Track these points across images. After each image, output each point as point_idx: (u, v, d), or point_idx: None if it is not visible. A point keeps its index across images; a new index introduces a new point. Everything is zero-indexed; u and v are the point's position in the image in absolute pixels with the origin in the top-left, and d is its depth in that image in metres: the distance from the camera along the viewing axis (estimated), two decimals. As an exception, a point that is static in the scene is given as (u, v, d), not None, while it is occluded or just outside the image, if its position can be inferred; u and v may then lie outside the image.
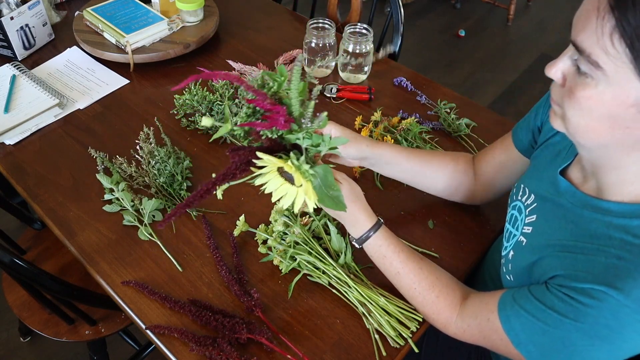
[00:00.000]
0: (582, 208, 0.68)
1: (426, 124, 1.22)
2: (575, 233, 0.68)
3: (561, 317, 0.64)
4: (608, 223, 0.64)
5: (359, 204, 0.81)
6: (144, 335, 0.87)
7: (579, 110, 0.59)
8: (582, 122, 0.60)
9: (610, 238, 0.63)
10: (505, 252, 0.82)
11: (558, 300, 0.64)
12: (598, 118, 0.58)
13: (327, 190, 0.73)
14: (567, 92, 0.60)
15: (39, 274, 0.94)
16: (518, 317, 0.69)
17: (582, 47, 0.56)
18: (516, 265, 0.77)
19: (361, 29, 1.30)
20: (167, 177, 1.05)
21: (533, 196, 0.78)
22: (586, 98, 0.58)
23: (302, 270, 0.91)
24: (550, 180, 0.75)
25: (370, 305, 0.86)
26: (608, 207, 0.65)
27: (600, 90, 0.57)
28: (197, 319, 0.85)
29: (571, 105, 0.60)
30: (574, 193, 0.70)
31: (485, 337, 0.74)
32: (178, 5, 1.40)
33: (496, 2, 3.30)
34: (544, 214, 0.75)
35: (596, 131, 0.60)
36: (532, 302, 0.68)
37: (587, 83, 0.57)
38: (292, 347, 0.83)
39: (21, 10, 1.33)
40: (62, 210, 1.03)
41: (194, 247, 0.97)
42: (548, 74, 0.62)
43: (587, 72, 0.57)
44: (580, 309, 0.62)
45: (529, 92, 2.79)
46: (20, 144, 1.17)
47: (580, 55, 0.57)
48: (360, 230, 0.82)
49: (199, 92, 1.17)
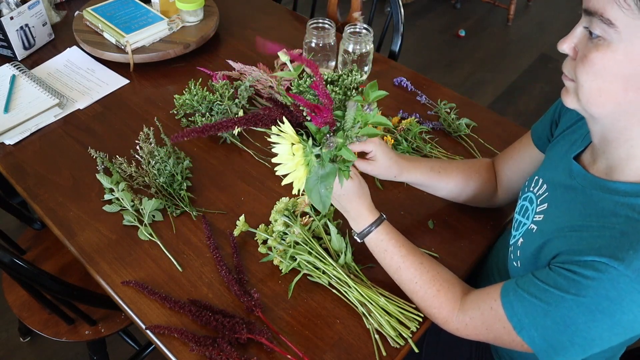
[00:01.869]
0: (592, 189, 0.70)
1: (426, 124, 1.22)
2: (583, 213, 0.69)
3: (563, 293, 0.64)
4: (615, 202, 0.66)
5: (364, 199, 0.85)
6: (144, 335, 0.87)
7: (592, 73, 0.60)
8: (595, 85, 0.61)
9: (616, 215, 0.64)
10: (513, 240, 0.83)
11: (560, 277, 0.65)
12: (611, 79, 0.60)
13: (320, 187, 0.74)
14: (580, 59, 0.62)
15: (39, 274, 0.94)
16: (521, 301, 0.69)
17: (595, 8, 0.57)
18: (525, 250, 0.77)
19: (361, 29, 1.30)
20: (167, 177, 1.05)
21: (545, 185, 0.79)
22: (599, 58, 0.59)
23: (302, 270, 0.91)
24: (564, 166, 0.76)
25: (370, 305, 0.86)
26: (616, 187, 0.67)
27: (613, 49, 0.58)
28: (197, 319, 0.85)
29: (584, 70, 0.61)
30: (584, 175, 0.72)
31: (489, 327, 0.74)
32: (178, 5, 1.40)
33: (496, 2, 3.30)
34: (555, 201, 0.76)
35: (609, 93, 0.61)
36: (535, 284, 0.68)
37: (600, 44, 0.59)
38: (292, 347, 0.83)
39: (21, 10, 1.33)
40: (62, 210, 1.03)
41: (194, 247, 0.97)
42: (560, 48, 0.64)
43: (600, 35, 0.58)
44: (582, 282, 0.63)
45: (529, 92, 2.79)
46: (20, 144, 1.17)
47: (593, 17, 0.58)
48: (363, 224, 0.85)
49: (199, 92, 1.17)
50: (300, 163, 0.72)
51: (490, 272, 1.00)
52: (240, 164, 1.13)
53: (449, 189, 0.97)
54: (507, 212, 1.05)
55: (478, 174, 0.98)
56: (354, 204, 0.84)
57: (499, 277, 0.96)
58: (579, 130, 0.79)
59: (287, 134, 0.72)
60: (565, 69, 0.66)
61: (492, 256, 1.01)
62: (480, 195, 0.99)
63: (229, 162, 1.14)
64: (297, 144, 0.72)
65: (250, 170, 1.12)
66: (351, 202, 0.84)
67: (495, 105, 2.71)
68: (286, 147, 0.72)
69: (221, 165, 1.13)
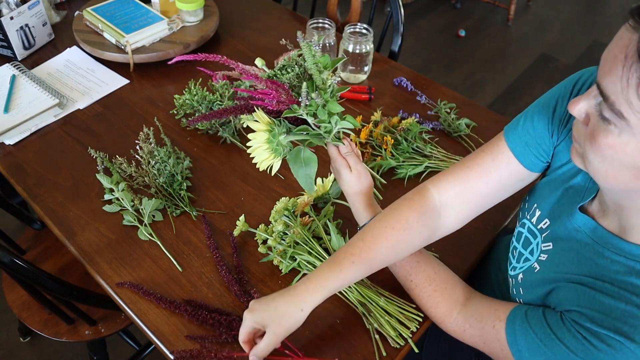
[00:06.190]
0: (604, 247, 0.66)
1: (426, 124, 1.22)
2: (595, 271, 0.65)
3: (569, 352, 0.63)
4: (631, 268, 0.62)
5: (361, 195, 0.86)
6: (144, 335, 0.87)
7: (601, 156, 0.56)
8: (602, 167, 0.57)
9: (633, 285, 0.61)
10: (514, 272, 0.81)
11: (570, 335, 0.63)
12: (620, 167, 0.56)
13: (299, 166, 0.80)
14: (589, 135, 0.57)
15: (39, 274, 0.94)
16: (525, 336, 0.68)
17: (607, 93, 0.52)
18: (528, 290, 0.75)
19: (361, 29, 1.30)
20: (167, 177, 1.05)
21: (547, 221, 0.75)
22: (608, 146, 0.54)
23: (302, 270, 0.91)
24: (567, 213, 0.72)
25: (370, 305, 0.86)
26: (631, 250, 0.63)
27: (624, 140, 0.53)
28: (193, 318, 0.85)
29: (592, 150, 0.57)
30: (595, 228, 0.67)
31: (486, 342, 0.74)
32: (178, 5, 1.40)
33: (496, 2, 3.30)
34: (561, 244, 0.72)
35: (617, 178, 0.57)
36: (544, 327, 0.66)
37: (610, 130, 0.54)
38: (292, 347, 0.83)
39: (21, 10, 1.33)
40: (62, 210, 1.03)
41: (194, 247, 0.97)
42: (571, 111, 0.59)
43: (610, 119, 0.53)
44: (592, 352, 0.61)
45: (529, 92, 2.79)
46: (20, 144, 1.17)
47: (605, 101, 0.53)
48: (363, 218, 0.87)
49: (198, 92, 1.17)
50: (264, 147, 0.79)
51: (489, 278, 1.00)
52: (240, 164, 1.13)
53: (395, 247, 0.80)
54: (507, 212, 1.05)
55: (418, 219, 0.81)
56: (351, 197, 0.87)
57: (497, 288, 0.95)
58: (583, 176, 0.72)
59: (259, 119, 0.78)
60: (575, 130, 0.61)
61: (492, 264, 1.01)
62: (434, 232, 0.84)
63: (229, 162, 1.14)
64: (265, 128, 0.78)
65: (250, 170, 1.12)
66: (348, 195, 0.87)
67: (495, 105, 2.71)
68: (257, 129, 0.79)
69: (221, 165, 1.13)
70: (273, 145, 0.79)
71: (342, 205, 1.01)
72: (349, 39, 1.28)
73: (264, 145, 0.79)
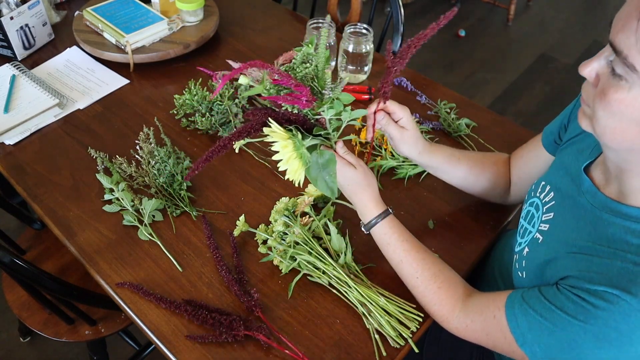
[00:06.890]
0: (602, 210, 0.68)
1: (426, 124, 1.22)
2: (593, 235, 0.67)
3: (570, 318, 0.63)
4: (627, 228, 0.64)
5: (370, 191, 0.85)
6: (144, 335, 0.87)
7: (610, 112, 0.58)
8: (610, 124, 0.59)
9: (628, 243, 0.63)
10: (519, 248, 0.82)
11: (568, 301, 0.64)
12: (628, 122, 0.58)
13: (323, 175, 0.79)
14: (599, 92, 0.59)
15: (39, 274, 0.94)
16: (526, 316, 0.69)
17: (620, 47, 0.55)
18: (531, 262, 0.77)
19: (361, 29, 1.30)
20: (167, 177, 1.05)
21: (552, 193, 0.78)
22: (618, 101, 0.57)
23: (302, 270, 0.91)
24: (573, 176, 0.75)
25: (370, 305, 0.86)
26: (628, 211, 0.65)
27: (634, 94, 0.55)
28: (193, 318, 0.85)
29: (602, 106, 0.59)
30: (595, 194, 0.70)
31: (488, 334, 0.74)
32: (178, 5, 1.40)
33: (496, 2, 3.30)
34: (562, 212, 0.74)
35: (625, 134, 0.59)
36: (542, 302, 0.67)
37: (621, 86, 0.56)
38: (292, 346, 0.83)
39: (21, 10, 1.33)
40: (62, 210, 1.03)
41: (194, 247, 0.97)
42: (582, 72, 0.61)
43: (621, 75, 0.56)
44: (591, 311, 0.62)
45: (529, 92, 2.79)
46: (20, 144, 1.17)
47: (617, 56, 0.55)
48: (368, 216, 0.86)
49: (198, 92, 1.17)
50: (294, 157, 0.77)
51: (492, 276, 1.00)
52: (240, 164, 1.13)
53: (463, 177, 0.97)
54: (508, 212, 1.05)
55: (494, 167, 0.98)
56: (359, 195, 0.85)
57: (502, 284, 0.95)
58: (587, 139, 0.77)
59: (277, 133, 0.76)
60: (584, 92, 0.63)
61: (494, 260, 1.01)
62: (493, 189, 0.99)
63: (229, 162, 1.14)
64: (286, 140, 0.76)
65: (250, 170, 1.12)
66: (356, 194, 0.85)
67: (495, 105, 2.71)
68: (280, 144, 0.77)
69: (221, 165, 1.13)
70: (300, 152, 0.77)
71: (342, 205, 1.01)
72: (349, 39, 1.28)
73: (293, 155, 0.77)
